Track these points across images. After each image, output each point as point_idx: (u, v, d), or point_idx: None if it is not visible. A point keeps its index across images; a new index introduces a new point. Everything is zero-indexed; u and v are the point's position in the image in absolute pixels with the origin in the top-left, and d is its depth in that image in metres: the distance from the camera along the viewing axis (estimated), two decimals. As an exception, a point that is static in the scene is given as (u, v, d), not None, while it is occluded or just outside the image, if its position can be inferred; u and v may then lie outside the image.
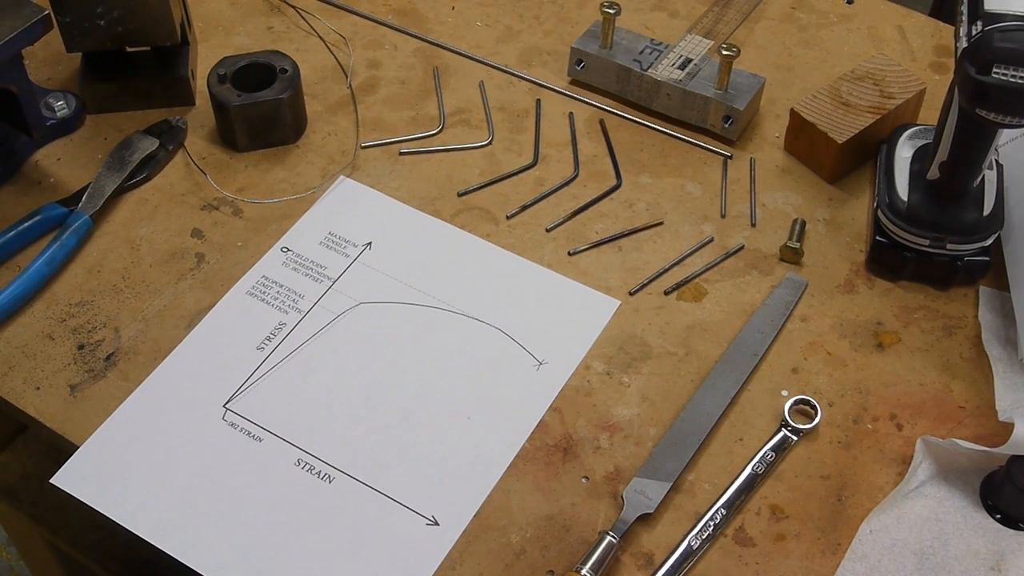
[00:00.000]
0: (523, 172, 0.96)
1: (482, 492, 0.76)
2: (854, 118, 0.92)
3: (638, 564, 0.73)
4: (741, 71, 0.97)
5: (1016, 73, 0.71)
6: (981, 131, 0.79)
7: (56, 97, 0.97)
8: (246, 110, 0.93)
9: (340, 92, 1.02)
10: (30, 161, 0.95)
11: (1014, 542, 0.73)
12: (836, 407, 0.81)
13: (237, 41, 1.06)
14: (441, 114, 1.00)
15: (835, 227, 0.92)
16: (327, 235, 0.90)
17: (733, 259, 0.90)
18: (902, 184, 0.87)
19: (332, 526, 0.74)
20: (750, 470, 0.77)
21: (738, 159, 0.97)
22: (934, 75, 1.04)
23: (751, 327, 0.84)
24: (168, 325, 0.84)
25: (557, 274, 0.88)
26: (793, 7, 1.10)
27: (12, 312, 0.84)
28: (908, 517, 0.74)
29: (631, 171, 0.96)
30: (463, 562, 0.73)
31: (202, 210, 0.92)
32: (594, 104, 1.01)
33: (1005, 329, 0.84)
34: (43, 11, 0.86)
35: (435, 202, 0.93)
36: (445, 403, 0.80)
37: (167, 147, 0.95)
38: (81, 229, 0.88)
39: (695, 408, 0.80)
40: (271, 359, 0.82)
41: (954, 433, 0.79)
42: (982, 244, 0.85)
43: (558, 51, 1.05)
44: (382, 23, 1.08)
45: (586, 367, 0.82)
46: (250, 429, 0.78)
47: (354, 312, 0.85)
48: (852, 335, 0.85)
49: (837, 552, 0.73)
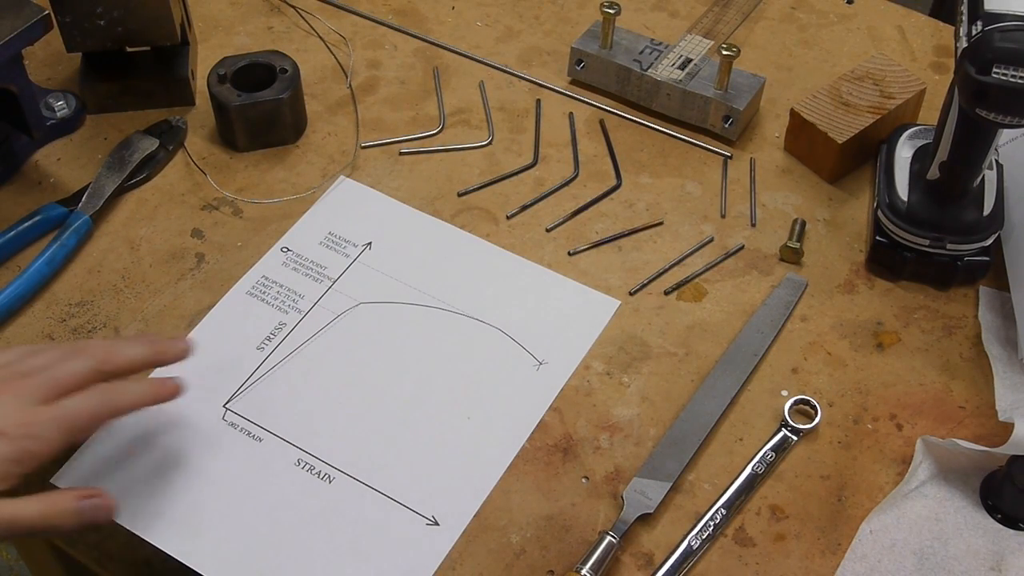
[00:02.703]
0: (523, 172, 0.96)
1: (482, 492, 0.76)
2: (854, 118, 0.92)
3: (638, 564, 0.73)
4: (741, 71, 0.97)
5: (1016, 73, 0.71)
6: (981, 131, 0.79)
7: (56, 97, 0.97)
8: (246, 110, 0.93)
9: (340, 92, 1.02)
10: (30, 161, 0.95)
11: (1014, 542, 0.73)
12: (836, 407, 0.81)
13: (237, 41, 1.06)
14: (441, 114, 1.00)
15: (835, 227, 0.92)
16: (327, 235, 0.90)
17: (733, 259, 0.90)
18: (902, 184, 0.87)
19: (332, 526, 0.74)
20: (750, 470, 0.77)
21: (738, 159, 0.97)
22: (934, 75, 1.04)
23: (751, 327, 0.84)
24: (168, 325, 0.84)
25: (557, 274, 0.88)
26: (793, 7, 1.10)
27: (12, 312, 0.84)
28: (908, 517, 0.74)
29: (631, 171, 0.96)
30: (463, 562, 0.73)
31: (202, 210, 0.92)
32: (594, 104, 1.01)
33: (1005, 329, 0.84)
34: (43, 11, 0.86)
35: (435, 202, 0.93)
36: (445, 403, 0.80)
37: (167, 147, 0.95)
38: (81, 229, 0.88)
39: (695, 408, 0.80)
40: (271, 359, 0.82)
41: (954, 433, 0.79)
42: (982, 244, 0.85)
43: (558, 51, 1.05)
44: (382, 23, 1.08)
45: (586, 367, 0.82)
46: (250, 429, 0.78)
47: (354, 312, 0.85)
48: (852, 335, 0.85)
49: (837, 552, 0.73)
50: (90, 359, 0.69)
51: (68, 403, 0.67)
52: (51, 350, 0.70)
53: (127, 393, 0.70)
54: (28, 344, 0.78)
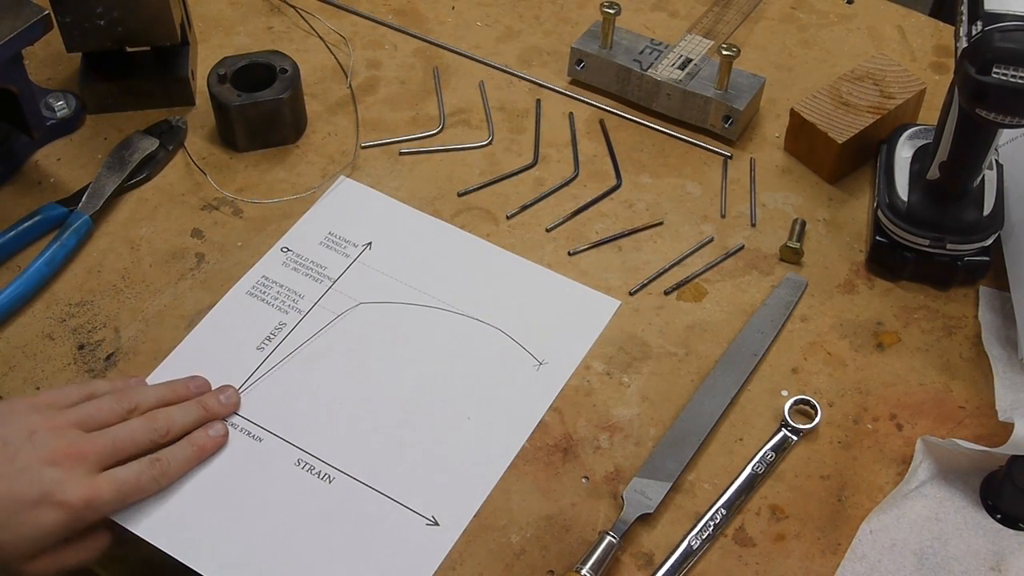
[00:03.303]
0: (523, 172, 0.96)
1: (482, 492, 0.76)
2: (854, 118, 0.92)
3: (638, 564, 0.73)
4: (741, 71, 0.97)
5: (1016, 73, 0.71)
6: (981, 131, 0.79)
7: (56, 97, 0.97)
8: (246, 110, 0.93)
9: (340, 92, 1.02)
10: (30, 161, 0.95)
11: (1014, 542, 0.73)
12: (836, 407, 0.81)
13: (237, 41, 1.06)
14: (441, 114, 1.00)
15: (835, 227, 0.92)
16: (327, 235, 0.90)
17: (733, 259, 0.90)
18: (902, 184, 0.87)
19: (332, 526, 0.74)
20: (750, 470, 0.77)
21: (738, 159, 0.97)
22: (934, 75, 1.04)
23: (751, 327, 0.84)
24: (168, 325, 0.84)
25: (557, 274, 0.88)
26: (793, 7, 1.10)
27: (12, 312, 0.84)
28: (908, 517, 0.74)
29: (631, 171, 0.96)
30: (463, 562, 0.73)
31: (202, 210, 0.92)
32: (594, 104, 1.01)
33: (1005, 329, 0.84)
34: (43, 11, 0.86)
35: (435, 202, 0.93)
36: (445, 403, 0.80)
37: (167, 147, 0.95)
38: (81, 229, 0.88)
39: (695, 408, 0.80)
40: (271, 359, 0.82)
41: (954, 433, 0.79)
42: (982, 244, 0.85)
43: (558, 51, 1.05)
44: (382, 23, 1.08)
45: (586, 367, 0.82)
46: (250, 429, 0.78)
47: (354, 312, 0.85)
48: (852, 335, 0.85)
49: (837, 552, 0.73)
50: (151, 431, 0.73)
51: (126, 477, 0.71)
52: (109, 400, 0.74)
53: (178, 464, 0.74)
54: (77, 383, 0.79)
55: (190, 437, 0.75)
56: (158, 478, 0.72)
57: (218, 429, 0.76)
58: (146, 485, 0.72)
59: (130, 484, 0.71)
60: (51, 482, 0.68)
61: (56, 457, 0.69)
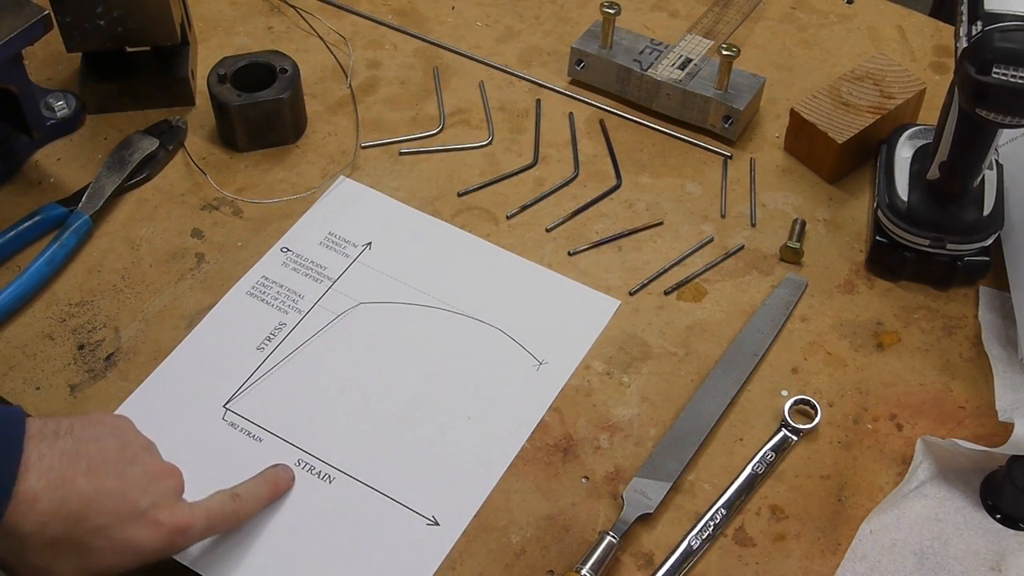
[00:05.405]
0: (523, 172, 0.96)
1: (482, 492, 0.76)
2: (854, 118, 0.92)
3: (638, 564, 0.73)
4: (741, 71, 0.97)
5: (1016, 73, 0.71)
6: (981, 131, 0.79)
7: (56, 97, 0.97)
8: (246, 110, 0.93)
9: (340, 92, 1.02)
10: (30, 161, 0.95)
11: (1014, 542, 0.73)
12: (836, 407, 0.81)
13: (237, 41, 1.06)
14: (441, 114, 1.00)
15: (835, 227, 0.92)
16: (327, 235, 0.90)
17: (733, 259, 0.90)
18: (902, 184, 0.87)
19: (332, 526, 0.74)
20: (750, 470, 0.77)
21: (738, 159, 0.97)
22: (934, 75, 1.04)
23: (751, 327, 0.84)
24: (168, 325, 0.84)
25: (557, 274, 0.88)
26: (793, 7, 1.10)
27: (12, 312, 0.84)
28: (908, 517, 0.74)
29: (631, 171, 0.96)
30: (463, 562, 0.73)
31: (202, 210, 0.92)
32: (594, 104, 1.01)
33: (1005, 329, 0.84)
34: (43, 11, 0.86)
35: (435, 202, 0.93)
36: (445, 403, 0.80)
37: (167, 147, 0.95)
38: (81, 229, 0.88)
39: (695, 408, 0.80)
40: (271, 359, 0.82)
41: (954, 433, 0.79)
42: (982, 244, 0.85)
43: (558, 51, 1.05)
44: (382, 23, 1.08)
45: (586, 367, 0.82)
46: (250, 429, 0.78)
47: (354, 312, 0.85)
48: (852, 335, 0.85)
49: (837, 552, 0.73)
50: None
51: (215, 508, 0.69)
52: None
53: (254, 501, 0.72)
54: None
55: (263, 474, 0.73)
56: (238, 512, 0.70)
57: (287, 469, 0.75)
58: (229, 518, 0.69)
59: (217, 515, 0.68)
60: (160, 496, 0.65)
61: (172, 472, 0.67)
